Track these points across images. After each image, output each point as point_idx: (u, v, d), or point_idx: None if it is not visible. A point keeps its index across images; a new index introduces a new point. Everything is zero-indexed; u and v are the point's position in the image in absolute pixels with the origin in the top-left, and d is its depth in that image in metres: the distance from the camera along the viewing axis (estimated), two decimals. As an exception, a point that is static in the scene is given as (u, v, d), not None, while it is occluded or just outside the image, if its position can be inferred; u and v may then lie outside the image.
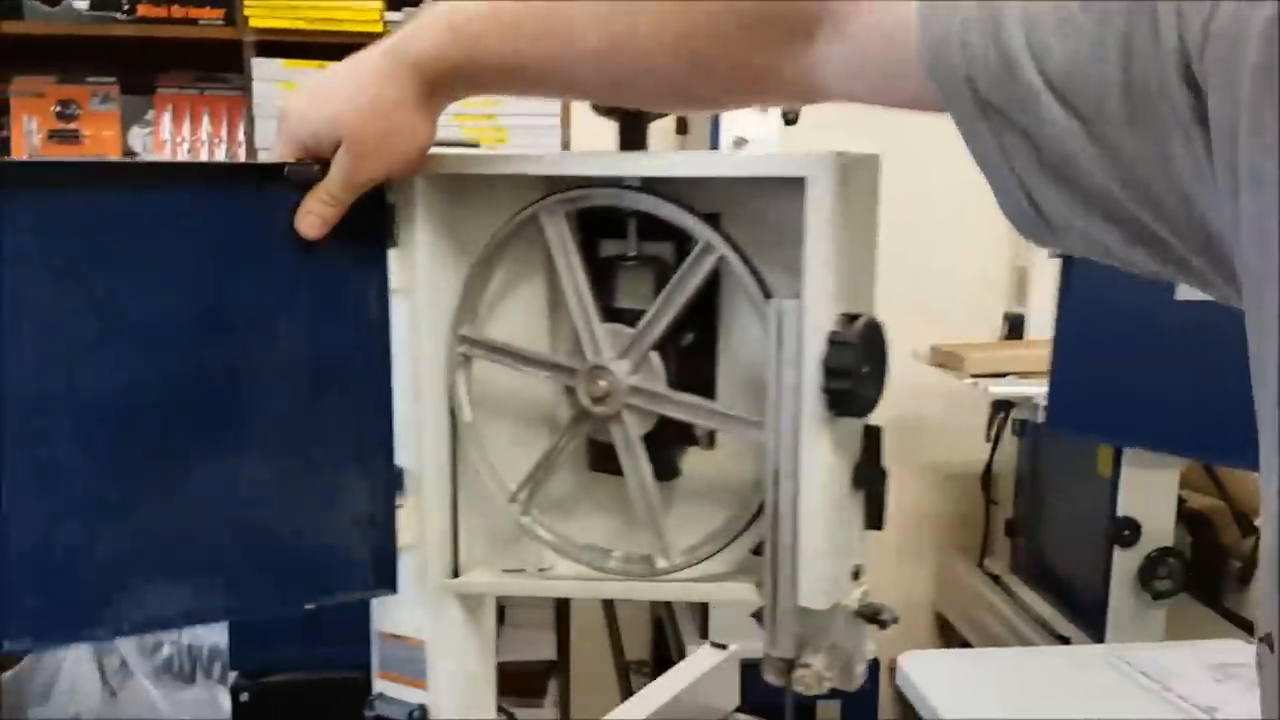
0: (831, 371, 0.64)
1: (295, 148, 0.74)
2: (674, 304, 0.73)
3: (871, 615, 0.69)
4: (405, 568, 0.82)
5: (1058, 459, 2.24)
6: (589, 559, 0.79)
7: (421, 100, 0.71)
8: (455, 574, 0.84)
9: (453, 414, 0.82)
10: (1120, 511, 1.98)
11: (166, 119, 2.36)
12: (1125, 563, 2.01)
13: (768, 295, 0.69)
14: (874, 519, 0.69)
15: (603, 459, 0.80)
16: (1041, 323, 2.17)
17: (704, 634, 1.95)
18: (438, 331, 0.81)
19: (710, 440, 0.79)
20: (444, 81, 0.70)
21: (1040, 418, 1.78)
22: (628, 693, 2.55)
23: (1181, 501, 2.06)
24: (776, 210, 0.72)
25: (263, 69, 2.22)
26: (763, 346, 0.75)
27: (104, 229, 0.67)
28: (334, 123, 0.72)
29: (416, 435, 0.81)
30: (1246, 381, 0.40)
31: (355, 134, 0.72)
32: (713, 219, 0.72)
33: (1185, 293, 0.93)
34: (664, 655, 2.38)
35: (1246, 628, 2.08)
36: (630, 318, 0.76)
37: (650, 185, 0.73)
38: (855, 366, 0.63)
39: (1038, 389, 1.80)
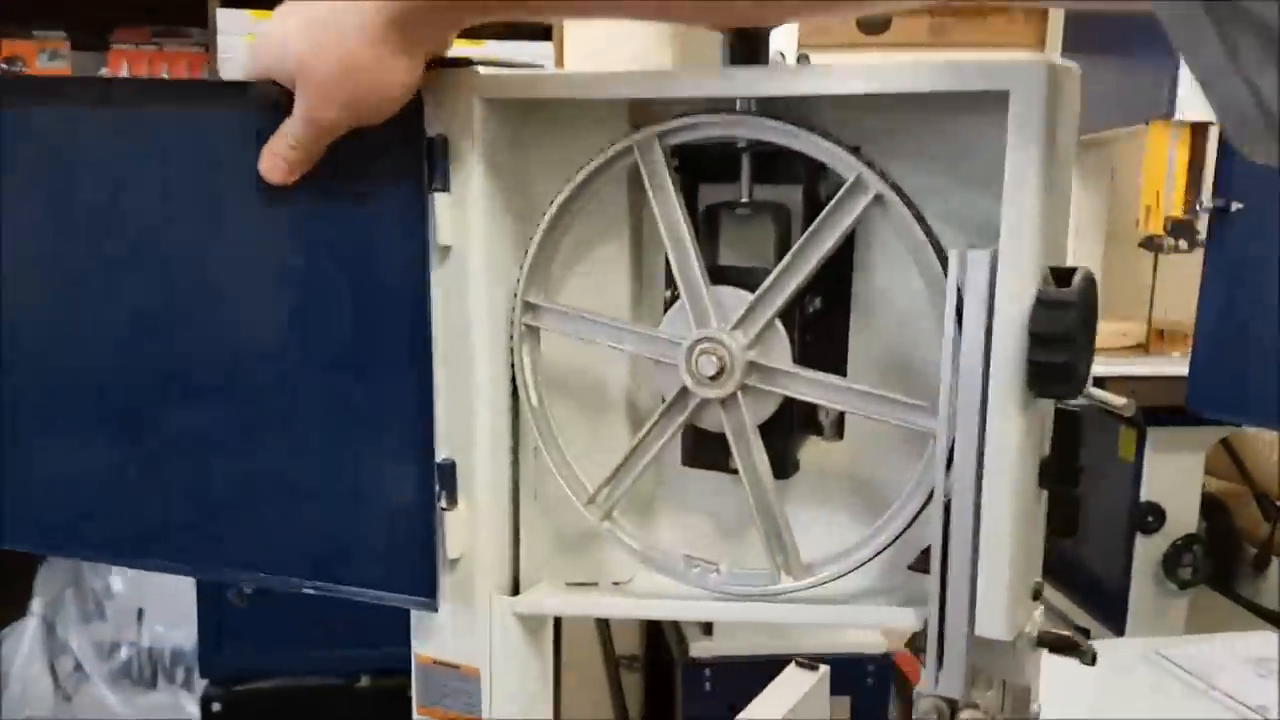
0: (1041, 339, 0.50)
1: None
2: (808, 260, 0.58)
3: (1062, 646, 0.56)
4: (455, 583, 0.68)
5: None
6: (688, 573, 0.65)
7: (396, 36, 0.56)
8: (515, 590, 0.70)
9: (514, 398, 0.68)
10: (1144, 497, 1.89)
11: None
12: (1148, 551, 1.92)
13: (938, 247, 0.55)
14: (1067, 523, 0.55)
15: (702, 452, 0.66)
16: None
17: (707, 630, 1.82)
18: (496, 297, 0.66)
19: (838, 429, 0.65)
20: (422, 14, 0.56)
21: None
22: (618, 689, 2.43)
23: (1197, 485, 1.98)
24: (942, 139, 0.58)
25: (228, 21, 2.04)
26: (909, 313, 0.61)
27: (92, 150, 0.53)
28: (287, 58, 0.59)
29: (467, 423, 0.66)
30: None
31: (308, 75, 0.59)
32: (853, 150, 0.58)
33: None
34: (657, 653, 2.25)
35: (1265, 616, 2.00)
36: (742, 279, 0.62)
37: (767, 111, 0.59)
38: (1074, 333, 0.50)
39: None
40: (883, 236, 0.61)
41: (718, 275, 0.62)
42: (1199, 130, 1.67)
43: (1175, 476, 1.90)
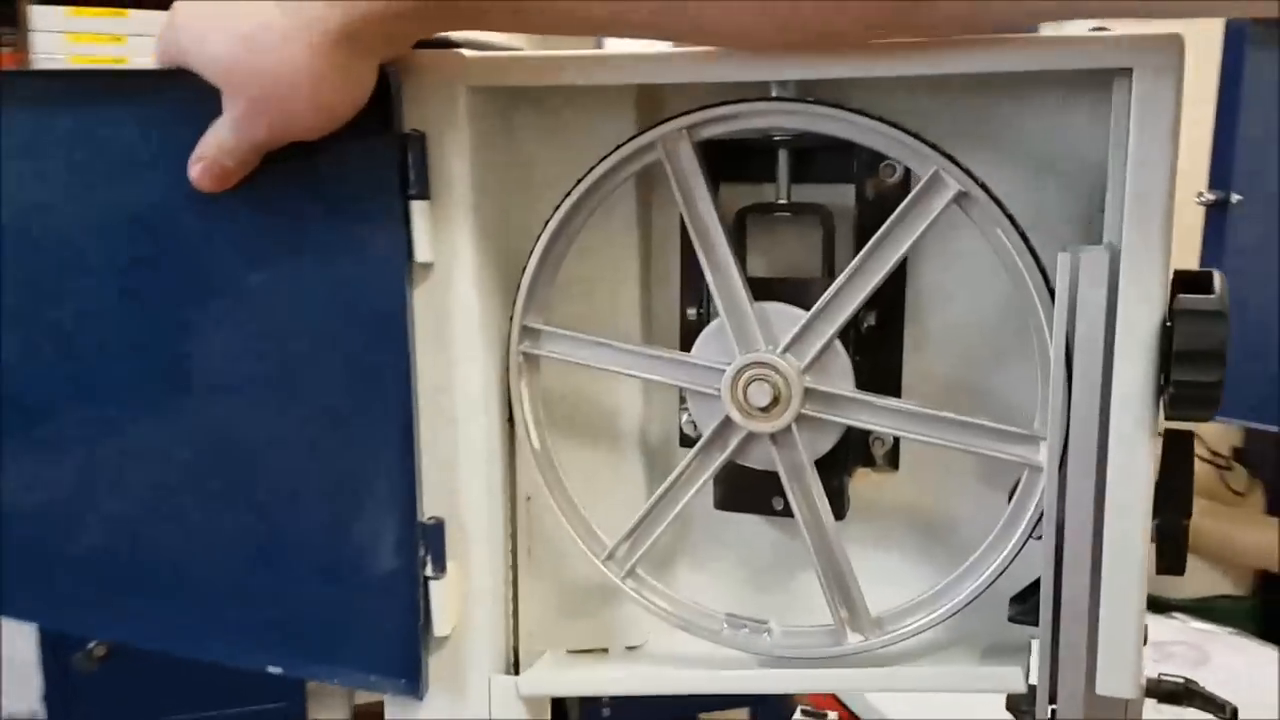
0: (1191, 356, 0.43)
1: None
2: (877, 270, 0.50)
3: (1191, 699, 0.50)
4: (444, 663, 0.57)
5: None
6: (735, 635, 0.56)
7: (345, 49, 0.46)
8: (515, 666, 0.59)
9: (510, 439, 0.57)
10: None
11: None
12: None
13: (1032, 250, 0.48)
14: (1176, 558, 0.49)
15: (741, 493, 0.57)
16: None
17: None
18: (488, 322, 0.55)
19: (891, 459, 0.57)
20: (376, 24, 0.46)
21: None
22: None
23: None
24: (1027, 127, 0.51)
25: (43, 18, 1.85)
26: (973, 327, 0.54)
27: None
28: (204, 60, 0.48)
29: (456, 473, 0.55)
30: None
31: (235, 86, 0.48)
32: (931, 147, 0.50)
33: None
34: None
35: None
36: (785, 293, 0.53)
37: (807, 96, 0.50)
38: (1224, 347, 0.43)
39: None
40: (941, 240, 0.54)
41: (756, 289, 0.53)
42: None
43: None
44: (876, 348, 0.55)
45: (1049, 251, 0.47)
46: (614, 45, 0.55)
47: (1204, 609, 1.89)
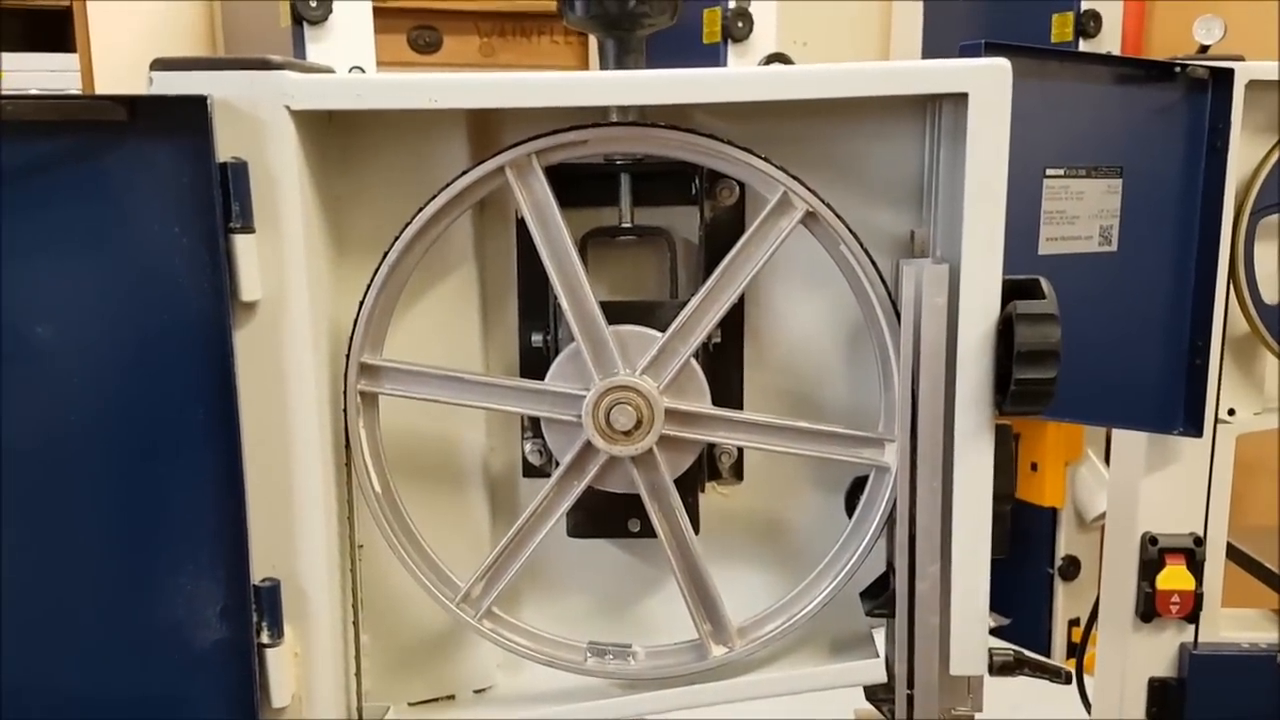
0: (1029, 357, 0.48)
1: None
2: (730, 289, 0.52)
3: (1021, 668, 0.55)
4: (287, 739, 0.52)
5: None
6: (601, 663, 0.55)
7: None
8: (362, 731, 0.55)
9: (347, 485, 0.53)
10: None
11: None
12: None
13: (875, 264, 0.51)
14: (1000, 541, 0.54)
15: (593, 520, 0.56)
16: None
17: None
18: (322, 361, 0.51)
19: (736, 471, 0.59)
20: None
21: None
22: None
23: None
24: (860, 150, 0.54)
25: None
26: (809, 339, 0.57)
27: None
28: None
29: (292, 526, 0.51)
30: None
31: None
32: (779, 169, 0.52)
33: (1046, 246, 0.92)
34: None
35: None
36: (635, 315, 0.53)
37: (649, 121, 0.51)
38: (1059, 345, 0.48)
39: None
40: (778, 257, 0.56)
41: (605, 314, 0.53)
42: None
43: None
44: (720, 364, 0.56)
45: (883, 265, 0.51)
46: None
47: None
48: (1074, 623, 1.85)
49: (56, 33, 1.75)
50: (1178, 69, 0.94)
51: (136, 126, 0.45)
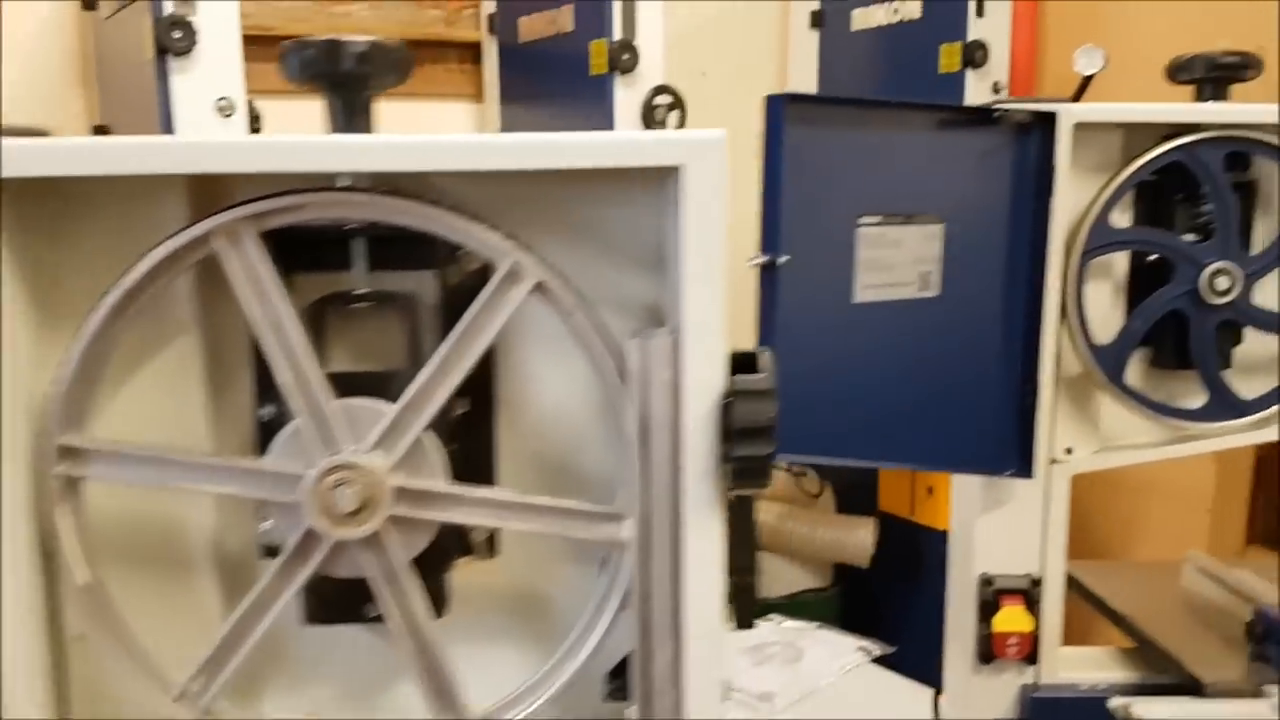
0: (745, 434, 0.46)
1: None
2: (464, 360, 0.49)
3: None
4: None
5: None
6: (337, 757, 0.52)
7: None
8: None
9: (52, 574, 0.50)
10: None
11: None
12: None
13: (607, 336, 0.49)
14: (744, 614, 0.53)
15: (330, 605, 0.53)
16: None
17: None
18: (17, 442, 0.47)
19: (490, 547, 0.56)
20: None
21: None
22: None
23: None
24: (603, 216, 0.52)
25: None
26: (564, 408, 0.55)
27: None
28: None
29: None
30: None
31: None
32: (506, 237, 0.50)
33: (862, 294, 0.91)
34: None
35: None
36: (370, 387, 0.51)
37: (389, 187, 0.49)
38: (774, 421, 0.47)
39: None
40: (528, 323, 0.54)
41: (337, 385, 0.50)
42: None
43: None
44: (469, 435, 0.54)
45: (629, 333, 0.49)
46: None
47: (796, 604, 2.07)
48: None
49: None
50: (997, 114, 0.94)
51: None
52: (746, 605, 0.53)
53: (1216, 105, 1.01)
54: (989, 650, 1.03)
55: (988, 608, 1.04)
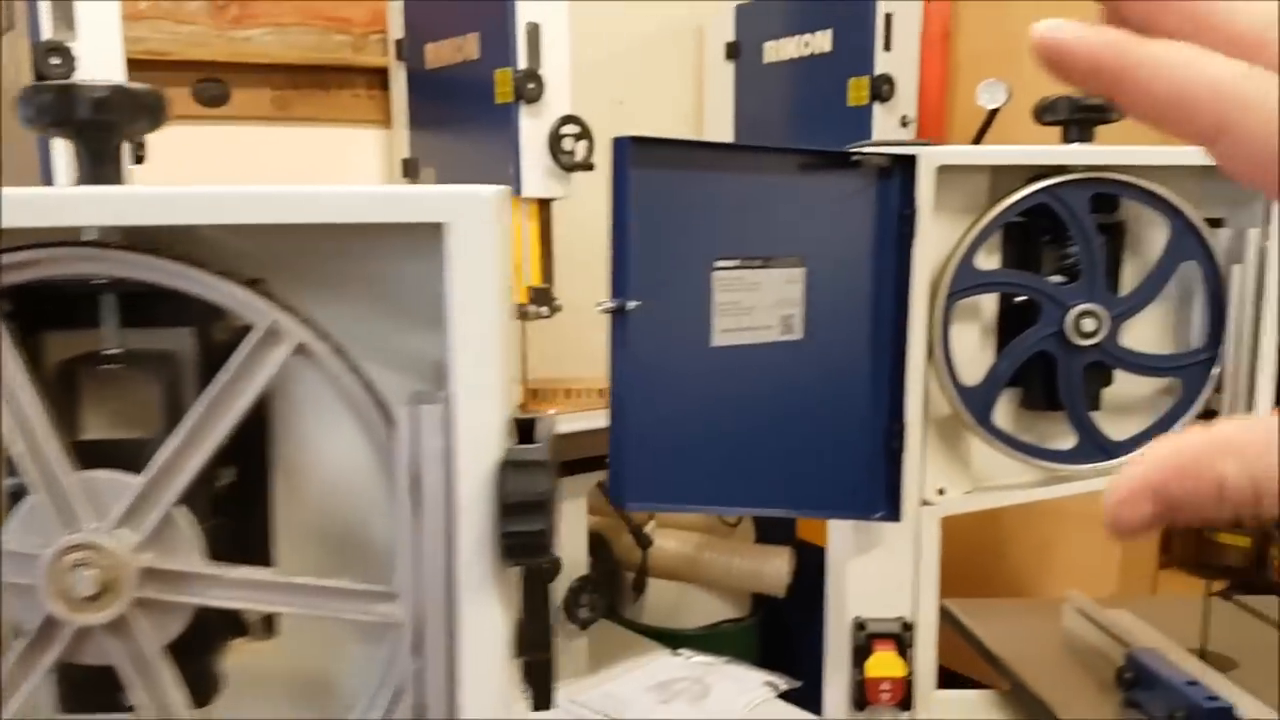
0: (515, 508, 0.43)
1: None
2: (216, 429, 0.46)
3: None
4: None
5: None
6: None
7: None
8: None
9: None
10: (542, 550, 1.99)
11: None
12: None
13: (381, 404, 0.46)
14: (541, 694, 0.50)
15: (85, 693, 0.49)
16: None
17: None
18: None
19: (268, 625, 0.52)
20: None
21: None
22: None
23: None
24: (372, 271, 0.49)
25: None
26: (345, 475, 0.51)
27: None
28: None
29: None
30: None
31: None
32: (253, 286, 0.47)
33: (720, 338, 0.89)
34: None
35: (649, 633, 2.22)
36: (121, 457, 0.47)
37: (137, 242, 0.45)
38: (548, 495, 0.44)
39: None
40: (305, 384, 0.50)
41: (85, 455, 0.46)
42: (544, 206, 1.80)
43: (564, 524, 2.01)
44: (239, 508, 0.50)
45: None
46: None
47: (712, 635, 2.04)
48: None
49: None
50: (856, 158, 0.93)
51: None
52: (544, 684, 0.50)
53: (1082, 147, 1.01)
54: (862, 696, 1.01)
55: (860, 652, 1.02)
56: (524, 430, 0.45)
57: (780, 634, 2.12)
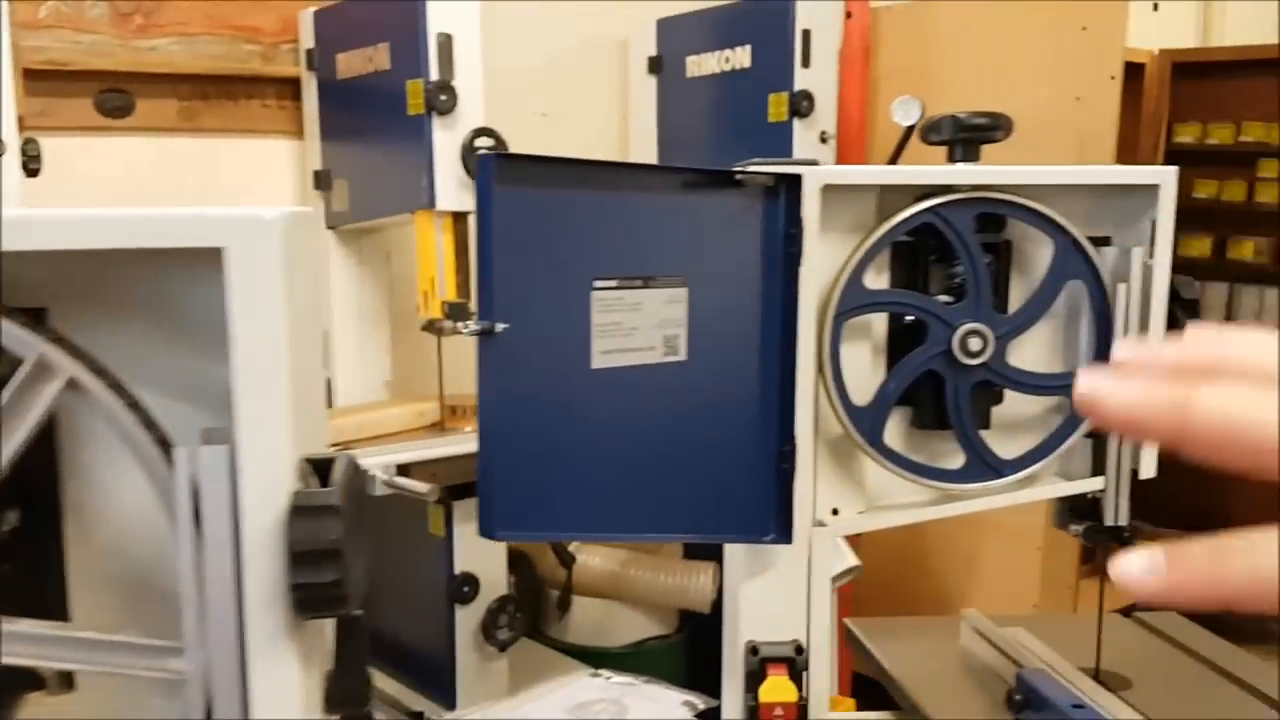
0: (304, 557, 0.41)
1: None
2: (-17, 471, 0.42)
3: None
4: None
5: (386, 522, 2.13)
6: None
7: None
8: None
9: None
10: (457, 569, 1.94)
11: None
12: (467, 619, 1.97)
13: (164, 443, 0.43)
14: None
15: None
16: (348, 389, 2.03)
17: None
18: None
19: (65, 680, 0.49)
20: None
21: (378, 489, 1.64)
22: None
23: (497, 543, 2.10)
24: (161, 298, 0.46)
25: None
26: (140, 519, 0.48)
27: None
28: None
29: None
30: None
31: None
32: (35, 316, 0.44)
33: (600, 360, 0.86)
34: None
35: (572, 653, 2.19)
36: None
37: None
38: (340, 542, 0.41)
39: (371, 459, 1.67)
40: (91, 420, 0.47)
41: None
42: (460, 219, 1.77)
43: (483, 544, 1.97)
44: (25, 554, 0.47)
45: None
46: None
47: (639, 652, 2.02)
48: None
49: None
50: (740, 177, 0.92)
51: None
52: (370, 738, 0.47)
53: (968, 166, 1.00)
54: (757, 721, 0.99)
55: (754, 678, 1.00)
56: (321, 471, 0.43)
57: (707, 650, 2.10)
